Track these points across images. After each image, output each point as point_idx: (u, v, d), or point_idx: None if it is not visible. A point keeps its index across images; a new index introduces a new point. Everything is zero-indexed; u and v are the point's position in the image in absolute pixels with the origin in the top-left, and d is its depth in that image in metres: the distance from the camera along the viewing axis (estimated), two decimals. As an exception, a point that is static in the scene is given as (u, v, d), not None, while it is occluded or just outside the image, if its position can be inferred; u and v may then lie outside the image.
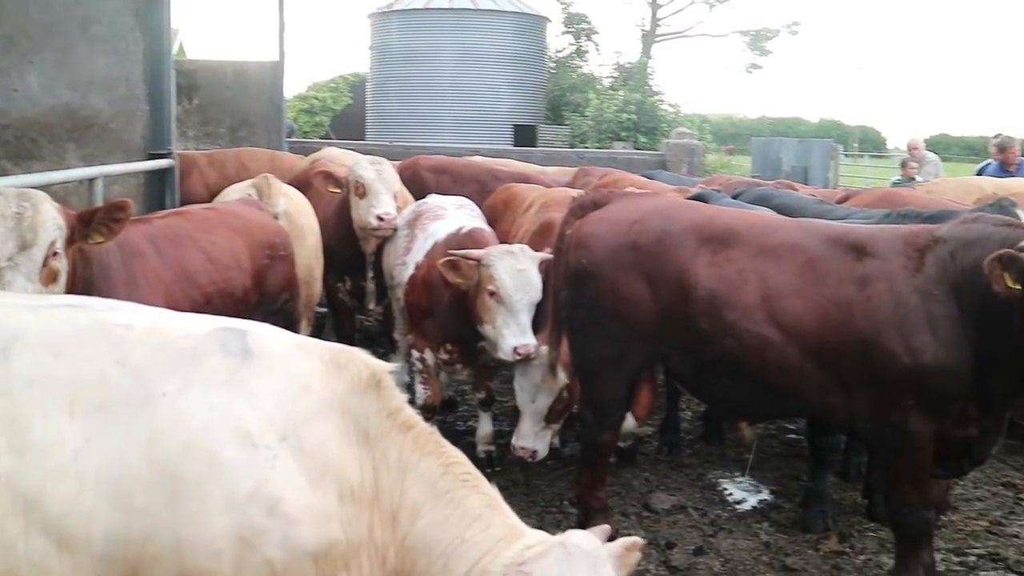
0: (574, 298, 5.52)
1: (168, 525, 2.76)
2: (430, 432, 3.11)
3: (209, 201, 7.89)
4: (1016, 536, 6.24)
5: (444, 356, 6.81)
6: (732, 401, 5.36)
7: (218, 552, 2.77)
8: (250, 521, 2.79)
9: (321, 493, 2.88)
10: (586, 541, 2.94)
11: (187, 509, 2.77)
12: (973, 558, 5.90)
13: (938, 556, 5.48)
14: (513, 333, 6.08)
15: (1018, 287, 4.33)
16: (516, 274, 6.05)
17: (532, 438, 6.33)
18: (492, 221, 7.93)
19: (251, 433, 2.85)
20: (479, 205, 8.46)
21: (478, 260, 6.16)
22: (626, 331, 5.34)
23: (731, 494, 6.81)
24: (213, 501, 2.78)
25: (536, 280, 6.08)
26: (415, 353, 6.95)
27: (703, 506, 6.57)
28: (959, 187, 10.30)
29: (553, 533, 5.45)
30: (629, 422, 6.48)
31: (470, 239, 6.49)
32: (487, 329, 6.23)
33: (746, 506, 6.63)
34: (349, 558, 2.93)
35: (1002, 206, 6.01)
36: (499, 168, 11.49)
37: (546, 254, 6.25)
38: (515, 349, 6.06)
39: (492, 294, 6.09)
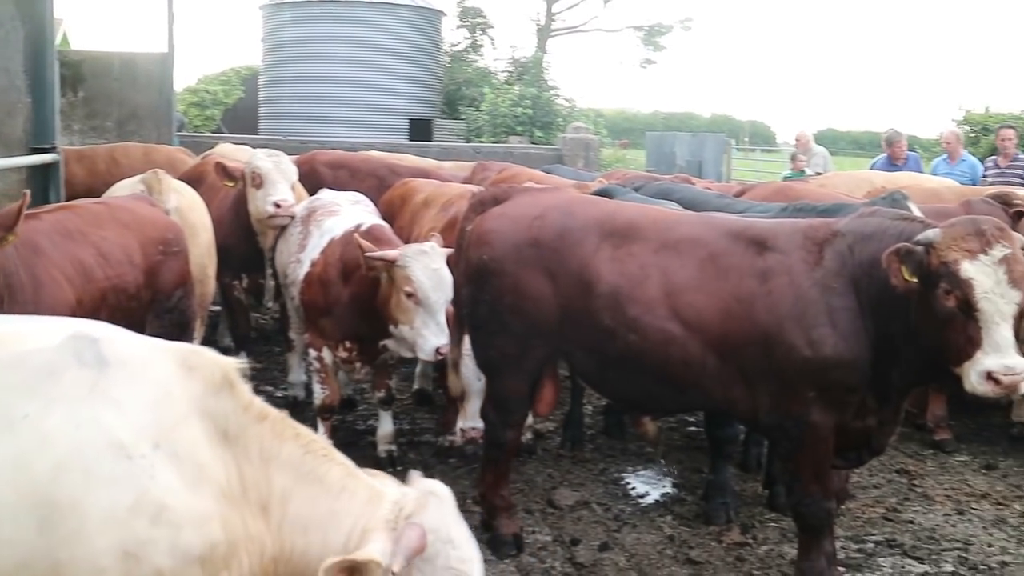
0: (475, 295, 5.46)
1: (43, 552, 2.66)
2: (283, 418, 3.14)
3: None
4: (911, 522, 6.38)
5: (343, 354, 6.68)
6: (635, 396, 5.35)
7: (101, 570, 2.69)
8: (135, 534, 2.73)
9: (200, 496, 2.86)
10: (439, 486, 3.22)
11: (63, 532, 2.67)
12: (871, 545, 6.01)
13: (837, 544, 5.56)
14: (433, 333, 5.97)
15: (914, 280, 4.41)
16: (432, 274, 5.95)
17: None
18: (389, 216, 7.83)
19: (124, 444, 2.78)
20: (378, 200, 8.36)
21: (393, 261, 6.05)
22: (528, 328, 5.30)
23: (634, 488, 6.83)
24: (92, 520, 2.69)
25: (449, 278, 6.00)
26: (312, 352, 6.81)
27: (607, 501, 6.57)
28: (850, 181, 10.53)
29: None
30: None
31: (370, 236, 6.37)
32: (404, 330, 6.10)
33: (649, 500, 6.65)
34: (229, 557, 2.93)
35: (895, 199, 6.11)
36: (397, 163, 11.37)
37: (450, 250, 6.19)
38: (437, 350, 5.96)
39: (409, 295, 5.97)
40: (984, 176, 13.02)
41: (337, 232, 6.74)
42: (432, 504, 3.09)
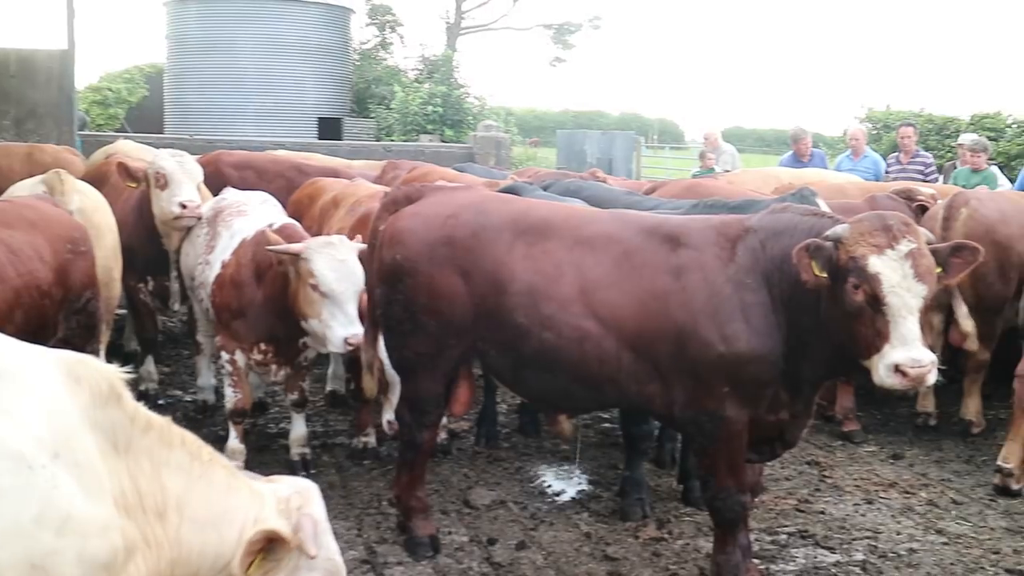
0: (389, 295, 5.39)
1: None
2: (168, 425, 3.18)
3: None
4: (822, 512, 6.49)
5: (258, 357, 6.57)
6: (551, 394, 5.34)
7: None
8: (41, 545, 2.69)
9: (101, 504, 2.85)
10: (306, 482, 3.48)
11: None
12: (784, 536, 6.10)
13: (752, 536, 5.61)
14: (341, 324, 5.91)
15: (824, 275, 4.47)
16: (338, 265, 5.89)
17: None
18: (297, 216, 7.71)
19: (24, 455, 2.72)
20: (286, 201, 8.25)
21: (298, 254, 5.97)
22: (443, 327, 5.26)
23: (550, 486, 6.84)
24: None
25: (358, 269, 5.93)
26: (224, 355, 6.67)
27: (523, 499, 6.56)
28: (759, 177, 10.68)
29: (371, 536, 5.35)
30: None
31: (282, 235, 6.27)
32: (313, 324, 6.05)
33: (565, 497, 6.66)
34: (128, 564, 2.91)
35: (804, 196, 6.20)
36: (305, 163, 11.24)
37: (362, 245, 6.14)
38: (346, 340, 5.90)
39: (314, 287, 5.91)
40: (887, 172, 13.35)
41: (248, 232, 6.62)
42: (313, 498, 3.34)
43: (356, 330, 5.90)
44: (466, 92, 30.30)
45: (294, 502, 3.26)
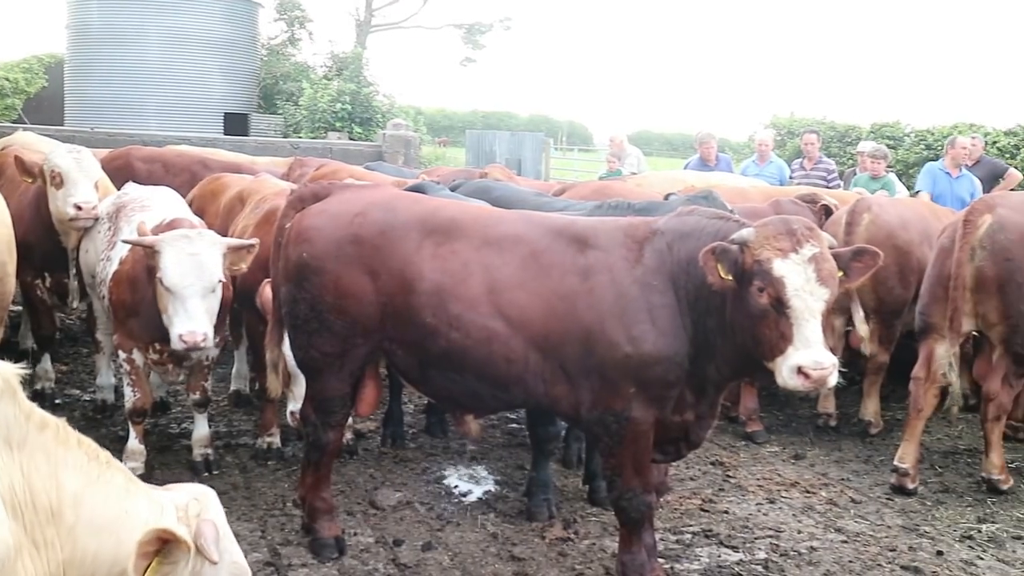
0: (295, 293, 5.30)
1: None
2: (64, 426, 3.13)
3: None
4: (726, 512, 6.57)
5: (154, 356, 6.44)
6: (458, 394, 5.30)
7: None
8: None
9: None
10: (204, 488, 3.42)
11: None
12: (689, 536, 6.15)
13: (657, 536, 5.66)
14: (180, 320, 5.80)
15: (730, 278, 4.52)
16: (185, 259, 5.78)
17: None
18: (199, 213, 7.59)
19: None
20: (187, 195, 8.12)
21: (151, 246, 5.85)
22: (349, 326, 5.19)
23: (457, 487, 6.81)
24: None
25: (211, 265, 5.83)
26: (122, 354, 6.51)
27: (429, 500, 6.52)
28: (666, 181, 10.76)
29: (276, 537, 5.27)
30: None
31: (175, 227, 6.15)
32: (164, 319, 5.94)
33: (472, 498, 6.64)
34: (16, 563, 2.87)
35: (708, 197, 6.26)
36: (211, 158, 11.10)
37: (240, 240, 6.21)
38: (180, 336, 5.80)
39: (160, 281, 5.81)
40: (791, 178, 13.58)
41: (147, 228, 6.47)
42: (211, 503, 3.31)
43: (193, 327, 5.80)
44: (375, 90, 30.09)
45: (192, 508, 3.22)
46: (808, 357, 4.41)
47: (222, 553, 3.15)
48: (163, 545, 3.03)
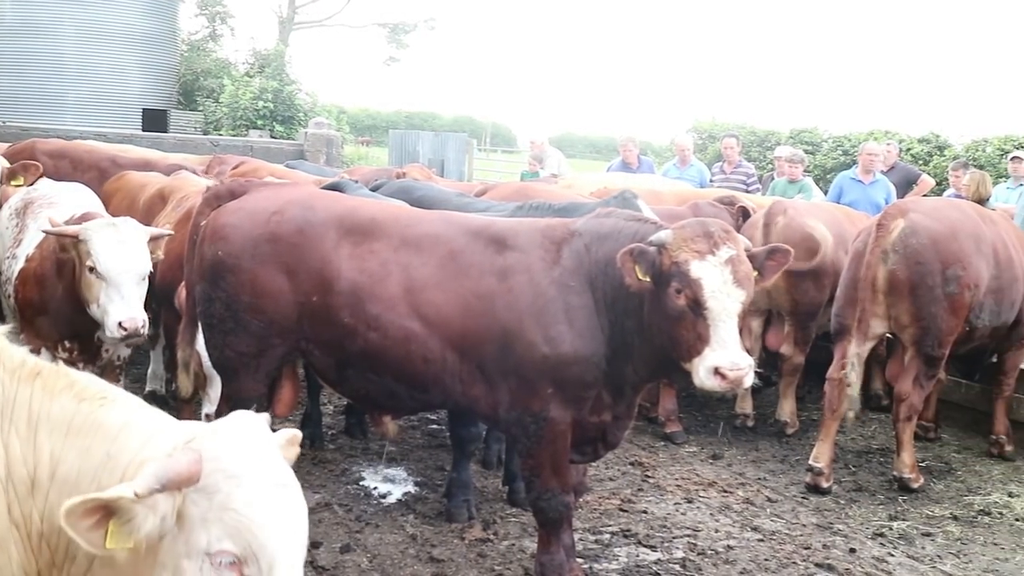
0: (210, 292, 5.22)
1: None
2: (56, 370, 2.80)
3: None
4: (645, 512, 6.61)
5: (63, 355, 6.27)
6: (376, 395, 5.26)
7: None
8: None
9: None
10: (253, 421, 2.73)
11: None
12: (607, 535, 6.18)
13: (576, 536, 5.68)
14: (118, 308, 5.67)
15: (647, 279, 4.55)
16: (116, 246, 5.67)
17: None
18: (107, 209, 7.43)
19: None
20: (98, 192, 7.93)
21: (76, 236, 5.73)
22: (265, 326, 5.12)
23: (376, 488, 6.76)
24: None
25: (141, 253, 5.73)
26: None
27: (348, 502, 6.47)
28: (593, 183, 10.80)
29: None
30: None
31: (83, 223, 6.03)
32: (93, 309, 5.81)
33: (391, 499, 6.59)
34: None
35: (625, 199, 6.29)
36: (121, 154, 10.86)
37: (159, 229, 6.12)
38: (120, 324, 5.66)
39: (91, 269, 5.69)
40: (711, 181, 13.73)
41: (55, 225, 6.33)
42: (227, 433, 2.64)
43: (132, 314, 5.68)
44: (298, 88, 29.77)
45: (193, 435, 2.63)
46: (725, 358, 4.45)
47: (214, 493, 2.50)
48: (102, 511, 2.44)
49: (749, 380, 4.52)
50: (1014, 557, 6.20)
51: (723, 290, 4.46)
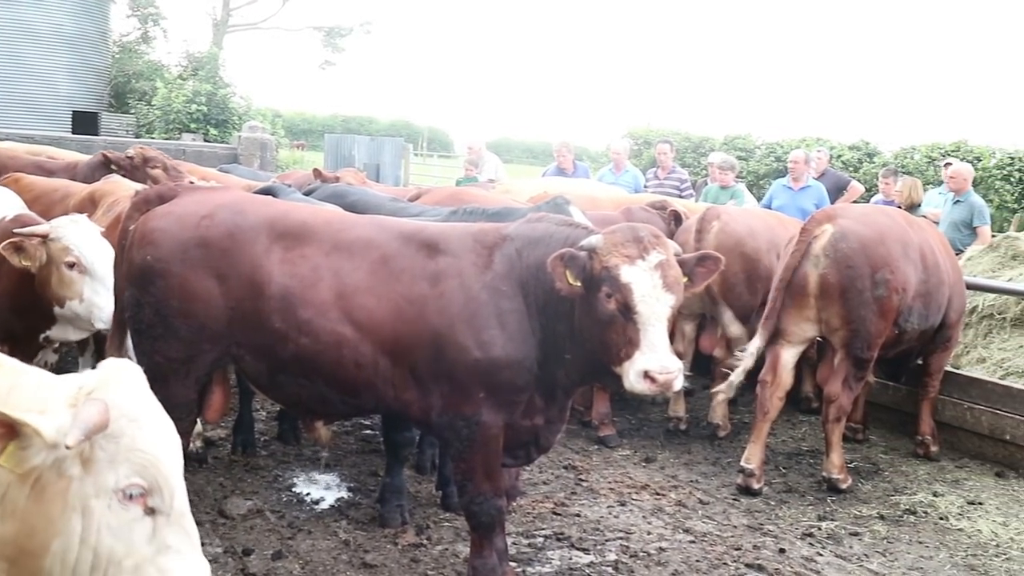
0: (139, 297, 5.13)
1: None
2: None
3: None
4: (578, 515, 6.65)
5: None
6: (308, 401, 5.22)
7: None
8: None
9: None
10: (128, 366, 3.00)
11: None
12: (541, 539, 6.20)
13: (509, 540, 5.71)
14: (106, 300, 5.65)
15: (578, 284, 4.58)
16: (95, 240, 5.64)
17: None
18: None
19: None
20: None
21: (45, 235, 5.65)
22: (196, 331, 5.05)
23: (309, 494, 6.72)
24: None
25: (107, 245, 5.70)
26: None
27: (280, 508, 6.42)
28: (532, 188, 10.83)
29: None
30: (197, 424, 6.21)
31: (18, 223, 5.93)
32: (75, 306, 5.76)
33: (324, 505, 6.56)
34: None
35: (557, 204, 6.32)
36: (39, 158, 10.69)
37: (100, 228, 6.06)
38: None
39: (72, 265, 5.61)
40: (645, 187, 13.85)
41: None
42: (120, 380, 2.87)
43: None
44: (232, 91, 29.52)
45: (90, 386, 2.79)
46: (654, 362, 4.49)
47: (118, 437, 2.71)
48: (8, 429, 2.62)
49: (678, 384, 4.57)
50: (938, 555, 6.33)
51: (652, 294, 4.50)
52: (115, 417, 2.71)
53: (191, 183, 6.80)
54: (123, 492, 2.73)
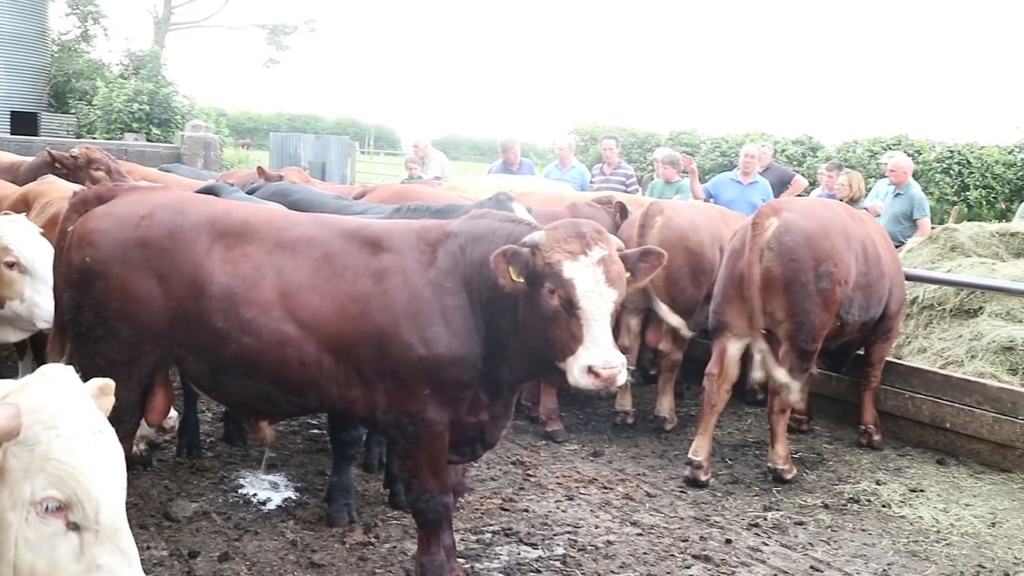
0: (78, 299, 5.06)
1: None
2: None
3: None
4: (526, 510, 6.66)
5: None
6: (252, 400, 5.18)
7: None
8: None
9: None
10: (63, 373, 2.77)
11: None
12: (489, 535, 6.21)
13: (457, 536, 5.71)
14: (47, 299, 5.57)
15: (521, 280, 4.59)
16: (35, 239, 5.57)
17: None
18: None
19: None
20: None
21: None
22: (137, 333, 4.99)
23: (255, 495, 6.67)
24: None
25: (47, 244, 5.64)
26: None
27: (227, 510, 6.37)
28: (480, 185, 10.84)
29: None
30: (144, 427, 6.13)
31: None
32: (15, 306, 5.72)
33: (271, 506, 6.52)
34: None
35: (500, 201, 6.33)
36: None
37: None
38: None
39: (11, 265, 5.54)
40: (591, 182, 13.90)
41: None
42: (40, 386, 2.67)
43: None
44: (175, 90, 29.20)
45: (5, 391, 2.65)
46: (598, 357, 4.51)
47: (34, 444, 2.56)
48: None
49: (622, 378, 4.58)
50: (880, 542, 6.43)
51: (595, 290, 4.52)
52: (28, 424, 2.56)
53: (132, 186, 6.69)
54: (40, 505, 2.57)
